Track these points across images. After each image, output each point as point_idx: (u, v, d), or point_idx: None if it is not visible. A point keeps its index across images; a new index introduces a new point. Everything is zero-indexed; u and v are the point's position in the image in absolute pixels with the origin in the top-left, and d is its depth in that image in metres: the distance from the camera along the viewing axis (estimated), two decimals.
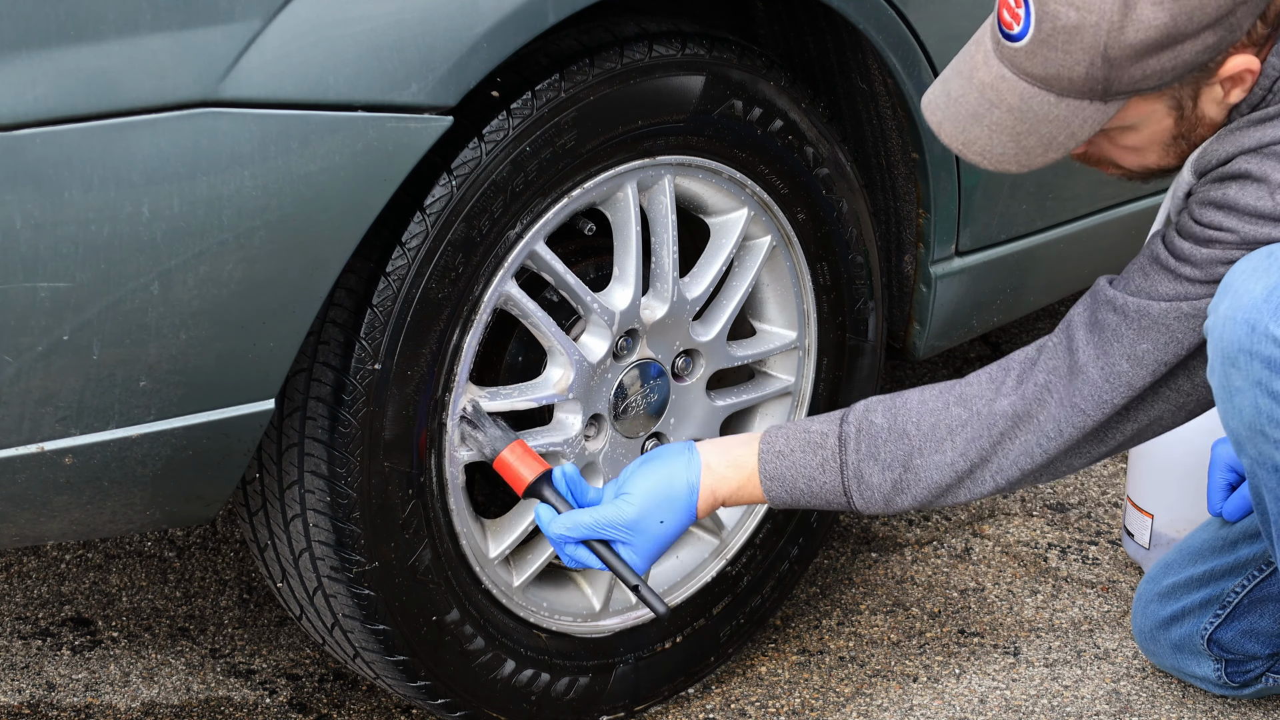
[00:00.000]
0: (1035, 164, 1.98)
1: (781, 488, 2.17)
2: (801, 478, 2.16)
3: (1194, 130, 2.01)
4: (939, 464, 2.12)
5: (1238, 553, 2.44)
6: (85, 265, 1.85)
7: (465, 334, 2.17)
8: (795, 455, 2.16)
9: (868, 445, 2.14)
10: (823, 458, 2.16)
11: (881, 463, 2.13)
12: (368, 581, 2.19)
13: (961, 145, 1.98)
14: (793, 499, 2.18)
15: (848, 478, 2.15)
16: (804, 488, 2.16)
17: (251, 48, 1.88)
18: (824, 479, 2.16)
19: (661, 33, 2.24)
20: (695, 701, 2.56)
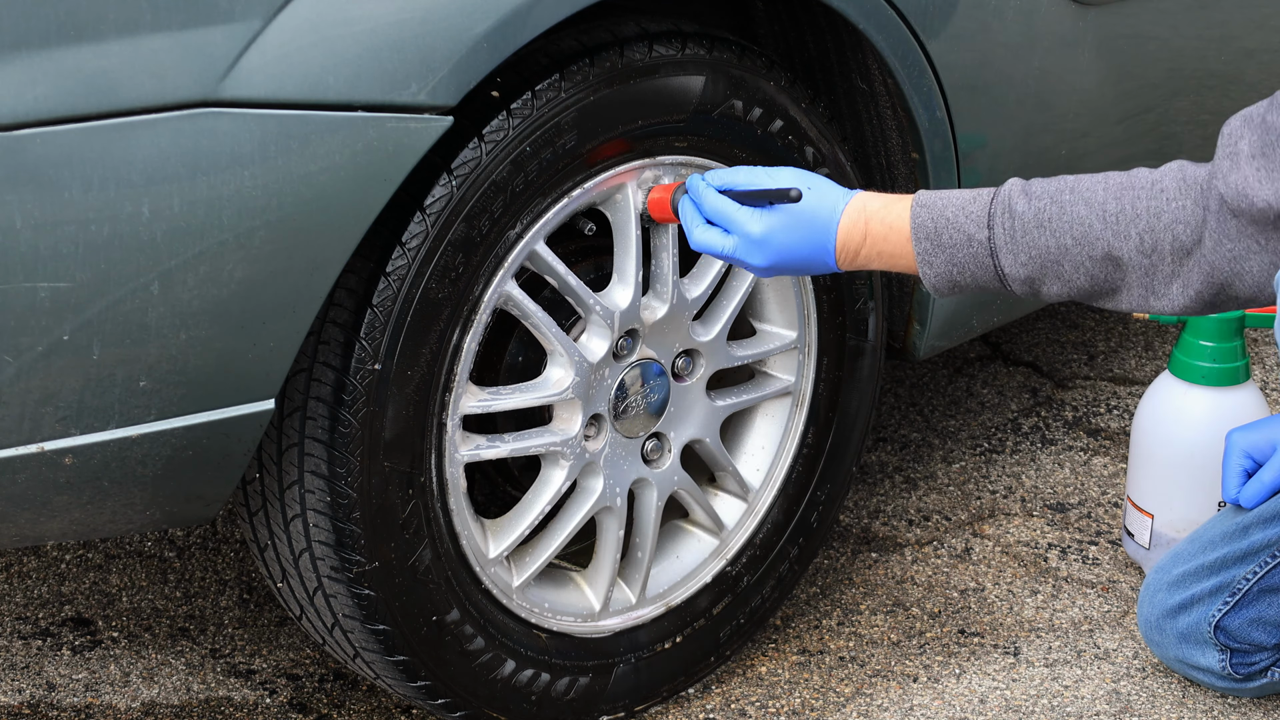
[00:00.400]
0: None
1: (929, 212, 2.08)
2: (952, 206, 2.08)
3: None
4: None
5: (1250, 538, 2.44)
6: (85, 265, 1.85)
7: (465, 334, 2.17)
8: (952, 192, 2.11)
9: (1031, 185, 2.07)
10: (976, 194, 2.09)
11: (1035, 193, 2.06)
12: (368, 581, 2.19)
13: None
14: (936, 227, 2.08)
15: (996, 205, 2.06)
16: (952, 216, 2.07)
17: (251, 48, 1.88)
18: (974, 209, 2.08)
19: (661, 33, 2.24)
20: (695, 701, 2.56)
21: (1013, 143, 2.61)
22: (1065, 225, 2.05)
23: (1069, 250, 2.05)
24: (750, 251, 2.15)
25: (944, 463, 3.16)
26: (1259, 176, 1.96)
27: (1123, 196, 2.05)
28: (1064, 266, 2.06)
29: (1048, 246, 2.06)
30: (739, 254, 2.15)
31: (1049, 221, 2.05)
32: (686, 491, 2.48)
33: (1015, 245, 2.07)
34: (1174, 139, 2.87)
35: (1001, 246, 2.07)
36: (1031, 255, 2.06)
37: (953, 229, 2.09)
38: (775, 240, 2.14)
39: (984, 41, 2.51)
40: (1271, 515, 2.45)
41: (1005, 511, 3.03)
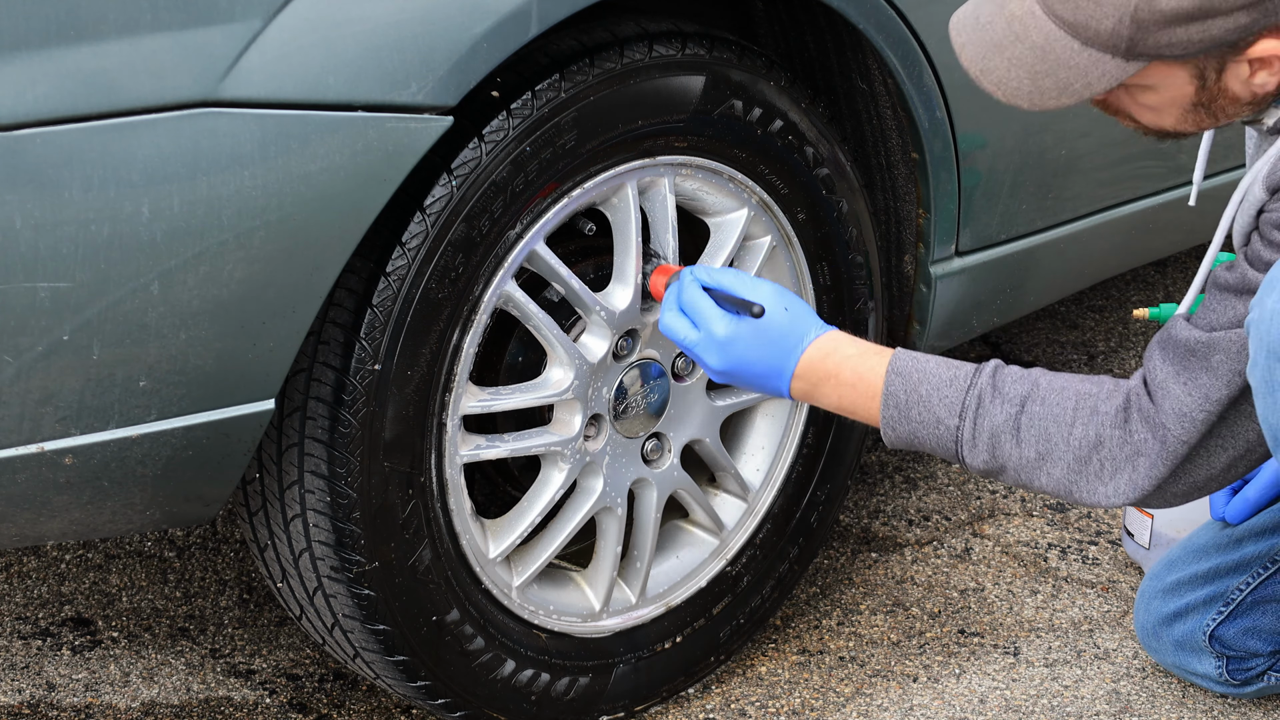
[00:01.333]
0: (1048, 105, 1.96)
1: (904, 386, 2.11)
2: (926, 383, 2.11)
3: (1214, 101, 1.98)
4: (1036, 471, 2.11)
5: (1243, 550, 2.44)
6: (85, 265, 1.85)
7: (465, 334, 2.17)
8: (929, 364, 2.12)
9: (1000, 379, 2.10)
10: (954, 374, 2.11)
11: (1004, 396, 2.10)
12: (368, 581, 2.19)
13: (979, 73, 1.98)
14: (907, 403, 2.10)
15: (969, 400, 2.10)
16: (925, 394, 2.10)
17: (251, 48, 1.88)
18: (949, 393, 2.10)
19: (661, 33, 2.24)
20: (695, 701, 2.56)
21: (1013, 143, 2.61)
22: (1032, 438, 2.08)
23: (1029, 461, 2.09)
24: (709, 350, 2.15)
25: (944, 463, 3.16)
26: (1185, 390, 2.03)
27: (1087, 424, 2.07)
28: (1021, 475, 2.10)
29: (1009, 454, 2.09)
30: (698, 349, 2.16)
31: (1017, 430, 2.08)
32: (686, 491, 2.48)
33: (978, 444, 2.09)
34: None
35: (966, 440, 2.10)
36: (994, 455, 2.09)
37: (923, 408, 2.11)
38: (735, 348, 2.14)
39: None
40: (1263, 528, 2.45)
41: (1005, 511, 3.03)
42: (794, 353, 2.15)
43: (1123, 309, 3.71)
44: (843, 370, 2.14)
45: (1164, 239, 3.04)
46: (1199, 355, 2.00)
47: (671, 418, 2.42)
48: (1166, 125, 2.04)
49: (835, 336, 2.16)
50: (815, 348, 2.15)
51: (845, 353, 2.14)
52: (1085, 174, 2.75)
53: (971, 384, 2.10)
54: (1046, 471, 2.08)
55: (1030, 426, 2.07)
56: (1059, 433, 2.06)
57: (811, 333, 2.15)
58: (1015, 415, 2.07)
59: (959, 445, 2.10)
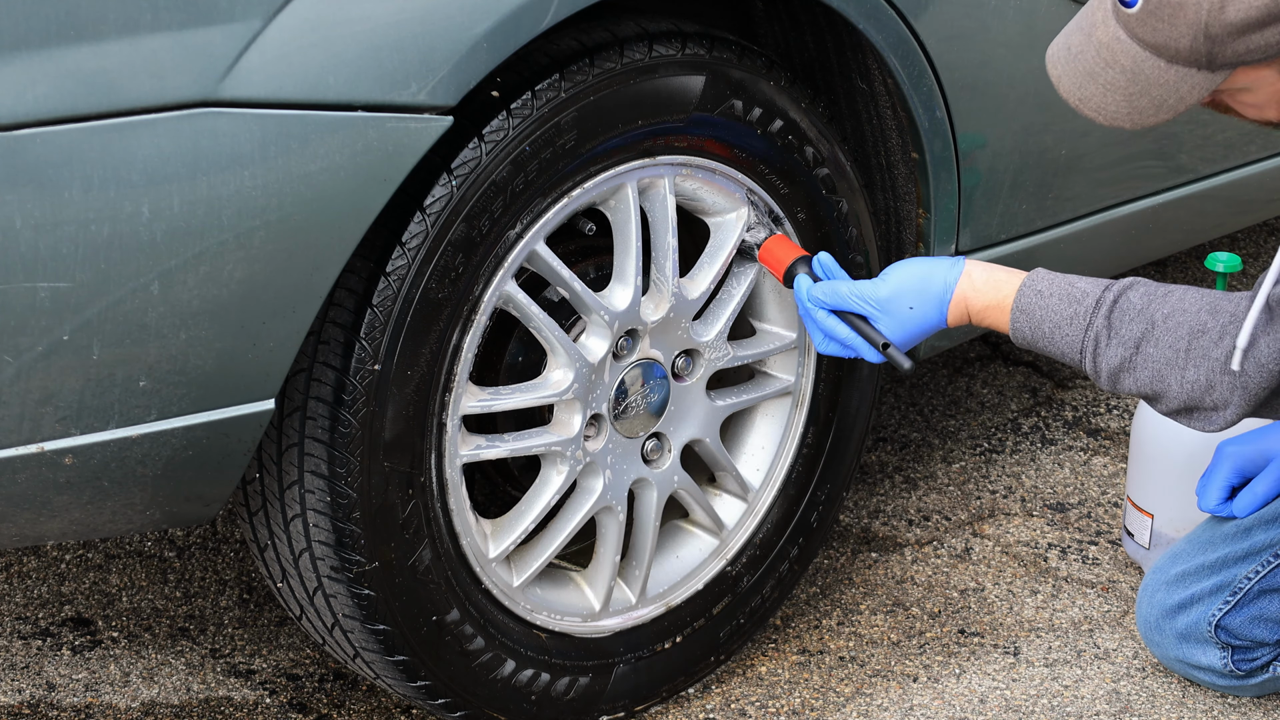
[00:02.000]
0: (1147, 123, 2.04)
1: (1029, 323, 2.25)
2: (1049, 321, 2.24)
3: None
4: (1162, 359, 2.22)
5: (1252, 538, 2.45)
6: (85, 265, 1.85)
7: (465, 334, 2.17)
8: (1052, 300, 2.25)
9: (1117, 317, 2.21)
10: (1074, 311, 2.23)
11: (1120, 338, 2.21)
12: (368, 581, 2.19)
13: (1079, 101, 2.05)
14: (1033, 338, 2.25)
15: (1088, 340, 2.22)
16: (1048, 331, 2.24)
17: (251, 47, 1.88)
18: (1069, 331, 2.23)
19: (661, 33, 2.24)
20: (695, 701, 2.56)
21: (1013, 142, 2.61)
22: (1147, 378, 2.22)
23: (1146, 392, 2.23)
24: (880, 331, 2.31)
25: (944, 463, 3.16)
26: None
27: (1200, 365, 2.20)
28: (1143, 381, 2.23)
29: (1130, 384, 2.23)
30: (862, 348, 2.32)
31: (1134, 370, 2.22)
32: (686, 491, 2.48)
33: (1100, 375, 2.24)
34: (1174, 139, 2.87)
35: (1090, 371, 2.24)
36: (1116, 384, 2.24)
37: (1049, 343, 2.26)
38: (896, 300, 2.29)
39: (984, 41, 2.51)
40: (1273, 516, 2.45)
41: (1005, 511, 3.03)
42: (938, 323, 2.29)
43: None
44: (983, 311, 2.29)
45: (1164, 239, 3.04)
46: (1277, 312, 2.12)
47: (671, 417, 2.42)
48: (1271, 118, 2.10)
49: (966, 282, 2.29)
50: (952, 309, 2.29)
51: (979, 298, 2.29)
52: (1085, 174, 2.75)
53: (1089, 324, 2.22)
54: (1162, 402, 2.23)
55: (1145, 367, 2.20)
56: (1172, 375, 2.19)
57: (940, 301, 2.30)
58: (1130, 358, 2.20)
59: (1088, 371, 2.25)
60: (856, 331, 2.30)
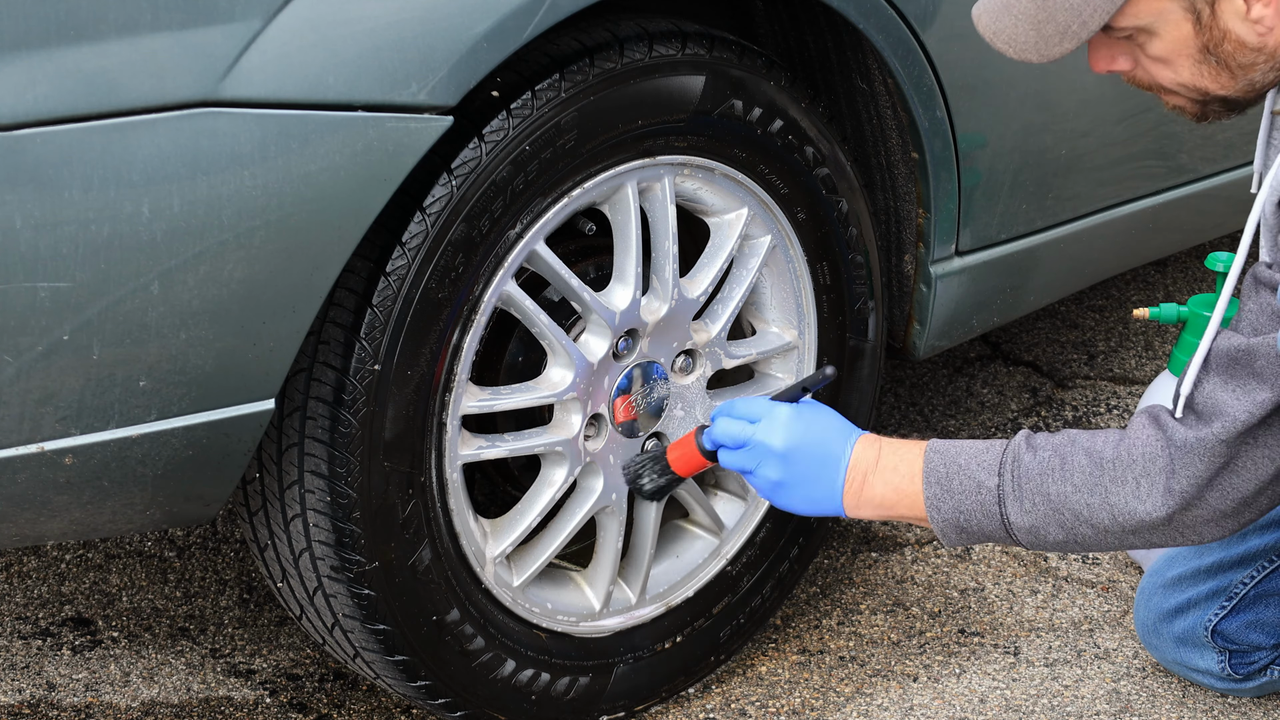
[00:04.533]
0: (1054, 53, 2.02)
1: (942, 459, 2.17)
2: (965, 452, 2.17)
3: (1220, 46, 2.01)
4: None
5: (1247, 544, 2.44)
6: (85, 265, 1.85)
7: (465, 334, 2.17)
8: (963, 443, 2.20)
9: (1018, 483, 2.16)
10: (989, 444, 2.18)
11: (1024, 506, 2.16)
12: (368, 581, 2.19)
13: (992, 35, 2.04)
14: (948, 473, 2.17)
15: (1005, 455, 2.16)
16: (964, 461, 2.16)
17: (252, 47, 1.88)
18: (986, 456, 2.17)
19: (661, 33, 2.24)
20: (695, 701, 2.56)
21: (1013, 142, 2.61)
22: (1076, 468, 2.13)
23: (1069, 496, 2.13)
24: (772, 431, 2.20)
25: None
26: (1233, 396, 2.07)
27: (1119, 445, 2.12)
28: (1069, 517, 2.14)
29: (1055, 492, 2.13)
30: (759, 435, 2.20)
31: (1061, 466, 2.13)
32: (686, 491, 2.48)
33: (1022, 495, 2.14)
34: (1174, 139, 2.87)
35: (1009, 494, 2.15)
36: (1036, 503, 2.14)
37: (964, 475, 2.17)
38: (798, 425, 2.20)
39: (984, 41, 2.50)
40: (1269, 522, 2.45)
41: None
42: (849, 436, 2.22)
43: (1123, 309, 3.71)
44: (885, 456, 2.20)
45: (1164, 239, 3.04)
46: (1242, 362, 2.04)
47: (671, 417, 2.42)
48: (1186, 79, 2.06)
49: (871, 434, 2.24)
50: (863, 438, 2.22)
51: (886, 441, 2.22)
52: (1085, 174, 2.75)
53: (1006, 446, 2.17)
54: (1086, 501, 2.12)
55: (1065, 465, 2.13)
56: (1091, 463, 2.12)
57: (855, 428, 2.23)
58: (1049, 459, 2.14)
59: (1002, 505, 2.15)
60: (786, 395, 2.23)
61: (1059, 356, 3.51)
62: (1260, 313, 2.07)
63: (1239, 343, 2.05)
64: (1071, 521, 2.13)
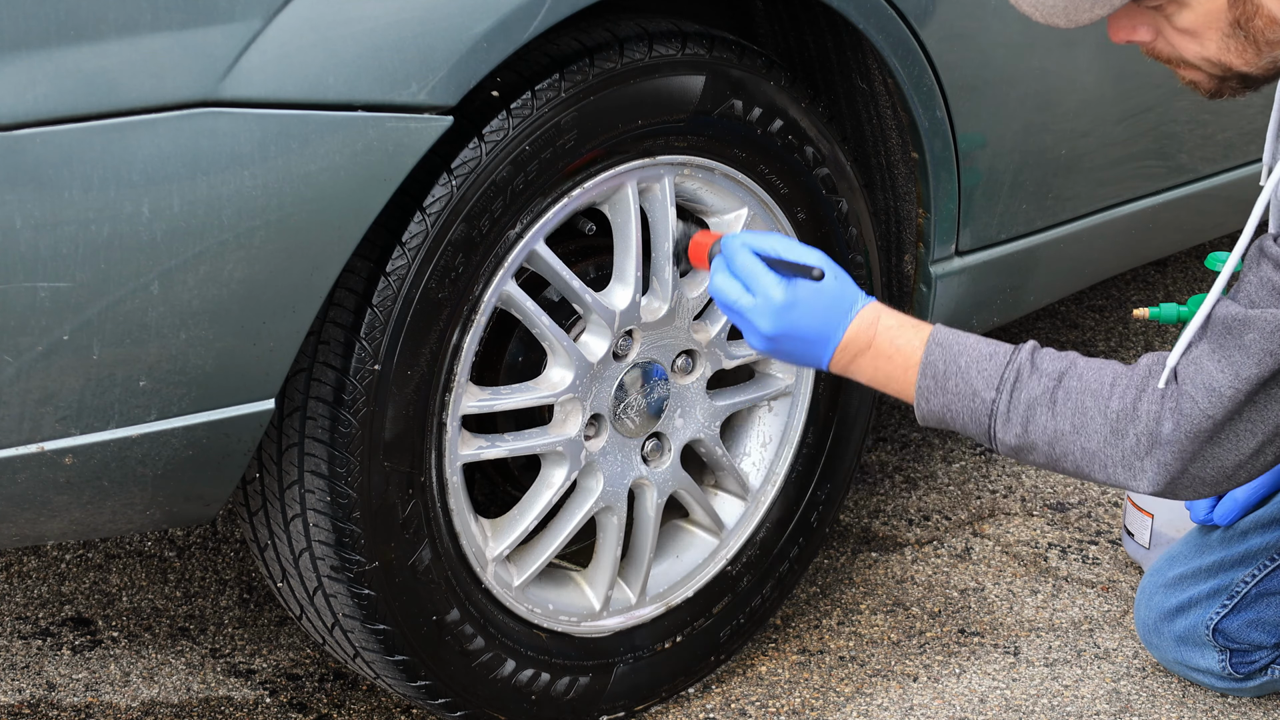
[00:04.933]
0: (1082, 19, 1.97)
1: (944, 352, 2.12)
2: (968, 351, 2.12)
3: (1251, 21, 1.98)
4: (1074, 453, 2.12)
5: (1248, 543, 2.44)
6: (85, 265, 1.85)
7: (465, 334, 2.17)
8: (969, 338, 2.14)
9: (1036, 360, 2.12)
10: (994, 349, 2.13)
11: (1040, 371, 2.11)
12: (368, 581, 2.19)
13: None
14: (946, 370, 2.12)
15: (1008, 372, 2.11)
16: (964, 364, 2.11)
17: (251, 47, 1.88)
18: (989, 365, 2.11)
19: (661, 33, 2.24)
20: (695, 701, 2.56)
21: (1013, 142, 2.61)
22: (1068, 410, 2.08)
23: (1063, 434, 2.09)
24: (763, 315, 2.13)
25: (944, 462, 3.16)
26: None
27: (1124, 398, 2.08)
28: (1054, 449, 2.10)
29: (1043, 426, 2.09)
30: (751, 314, 2.13)
31: (1053, 403, 2.09)
32: (686, 491, 2.48)
33: (1013, 417, 2.10)
34: (1174, 139, 2.87)
35: (1001, 414, 2.10)
36: (1027, 430, 2.10)
37: (961, 379, 2.12)
38: (791, 313, 2.13)
39: (984, 41, 2.51)
40: (1269, 520, 2.45)
41: (1005, 511, 3.03)
42: (844, 319, 2.14)
43: (1123, 309, 3.71)
44: (881, 341, 2.14)
45: (1164, 239, 3.05)
46: (1234, 332, 2.02)
47: (671, 417, 2.42)
48: (1211, 54, 2.02)
49: (877, 306, 2.16)
50: (860, 317, 2.14)
51: (886, 323, 2.15)
52: (1085, 173, 2.75)
53: (1010, 360, 2.11)
54: (1080, 445, 2.08)
55: (1067, 399, 2.08)
56: (1095, 405, 2.07)
57: (859, 300, 2.16)
58: (1052, 388, 2.08)
59: (993, 419, 2.10)
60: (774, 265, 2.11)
61: None
62: (1260, 286, 2.05)
63: (1236, 311, 2.02)
64: (1059, 455, 2.10)
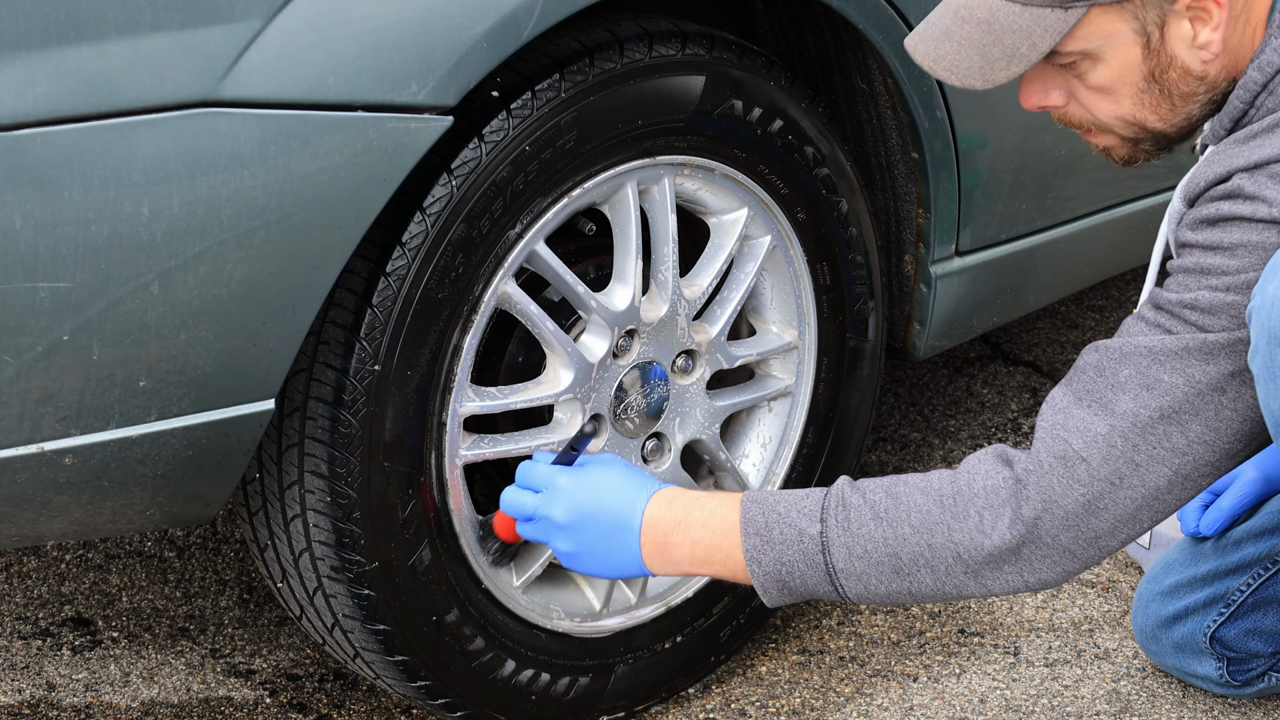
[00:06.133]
0: (999, 79, 1.98)
1: (759, 508, 2.05)
2: (785, 499, 2.05)
3: (1165, 73, 1.99)
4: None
5: (1242, 551, 2.44)
6: (85, 265, 1.85)
7: (465, 334, 2.17)
8: (781, 493, 2.08)
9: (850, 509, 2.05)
10: (809, 491, 2.07)
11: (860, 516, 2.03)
12: (368, 581, 2.19)
13: (932, 62, 1.99)
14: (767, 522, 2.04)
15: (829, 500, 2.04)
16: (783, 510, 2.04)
17: (251, 48, 1.88)
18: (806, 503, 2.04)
19: (661, 33, 2.24)
20: (695, 701, 2.56)
21: (1013, 142, 2.61)
22: (902, 513, 2.01)
23: (906, 539, 2.01)
24: (553, 503, 2.12)
25: (944, 463, 3.16)
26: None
27: (957, 480, 2.01)
28: (901, 570, 2.01)
29: (884, 537, 2.01)
30: (542, 508, 2.13)
31: (884, 513, 2.01)
32: None
33: (849, 537, 2.02)
34: None
35: (833, 542, 2.02)
36: (867, 549, 2.01)
37: (784, 524, 2.04)
38: (581, 491, 2.11)
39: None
40: (1261, 530, 2.45)
41: None
42: (642, 492, 2.11)
43: (1123, 309, 3.71)
44: (693, 512, 2.10)
45: None
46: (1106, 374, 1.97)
47: (671, 417, 2.42)
48: (1125, 112, 2.02)
49: (673, 487, 2.12)
50: (661, 492, 2.11)
51: (691, 495, 2.11)
52: (1085, 173, 2.75)
53: (829, 491, 2.05)
54: (941, 537, 1.99)
55: (906, 499, 2.01)
56: (939, 497, 2.00)
57: (654, 482, 2.12)
58: (880, 500, 2.02)
59: (826, 553, 2.02)
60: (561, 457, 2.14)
61: (1059, 356, 3.51)
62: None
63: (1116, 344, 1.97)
64: (909, 566, 2.01)
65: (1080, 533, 1.98)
